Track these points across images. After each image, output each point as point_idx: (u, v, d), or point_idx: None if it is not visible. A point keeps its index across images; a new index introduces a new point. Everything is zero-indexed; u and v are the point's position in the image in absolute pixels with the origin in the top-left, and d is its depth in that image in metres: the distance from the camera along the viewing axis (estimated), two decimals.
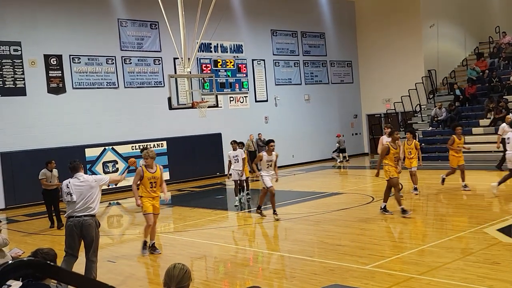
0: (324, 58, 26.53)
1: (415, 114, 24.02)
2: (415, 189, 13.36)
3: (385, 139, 12.35)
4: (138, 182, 8.82)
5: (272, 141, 11.52)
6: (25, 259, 1.80)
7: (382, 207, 11.00)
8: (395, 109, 24.73)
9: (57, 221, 12.36)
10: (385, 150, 10.86)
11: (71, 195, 6.97)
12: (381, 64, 26.69)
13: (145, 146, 18.16)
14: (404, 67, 25.47)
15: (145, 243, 9.05)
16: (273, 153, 11.38)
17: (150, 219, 8.80)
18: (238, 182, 13.96)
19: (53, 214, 12.44)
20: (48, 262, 1.83)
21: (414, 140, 13.52)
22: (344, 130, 26.59)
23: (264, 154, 11.37)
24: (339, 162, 24.12)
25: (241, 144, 14.72)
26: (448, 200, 12.80)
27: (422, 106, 24.06)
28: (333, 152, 24.86)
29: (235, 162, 13.87)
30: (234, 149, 13.92)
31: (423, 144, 21.25)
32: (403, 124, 23.92)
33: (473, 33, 26.84)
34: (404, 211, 10.49)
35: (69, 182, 7.06)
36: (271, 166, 11.41)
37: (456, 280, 6.42)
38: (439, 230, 9.78)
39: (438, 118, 21.74)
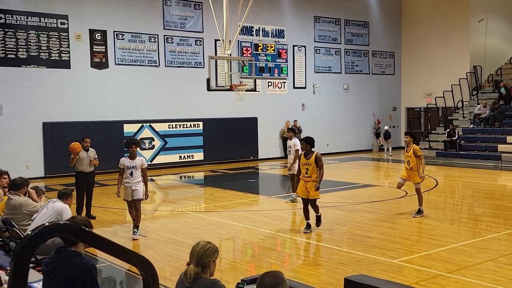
0: (366, 48, 26.10)
1: (456, 111, 23.45)
2: (419, 211, 10.28)
3: None
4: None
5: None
6: (61, 222, 1.87)
7: None
8: (436, 104, 24.17)
9: (86, 212, 10.44)
10: None
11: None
12: (425, 57, 26.09)
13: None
14: (448, 61, 24.83)
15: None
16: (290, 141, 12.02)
17: None
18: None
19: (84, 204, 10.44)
20: (83, 227, 1.90)
21: (414, 146, 10.38)
22: (382, 122, 26.22)
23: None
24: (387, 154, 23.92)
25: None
26: (484, 200, 12.51)
27: (464, 103, 23.44)
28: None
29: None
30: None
31: (462, 141, 20.78)
32: (443, 120, 23.40)
33: None
34: None
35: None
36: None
37: (486, 281, 6.30)
38: (473, 229, 9.59)
39: (481, 116, 21.18)
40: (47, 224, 1.74)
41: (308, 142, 9.15)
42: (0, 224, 6.92)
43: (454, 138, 20.63)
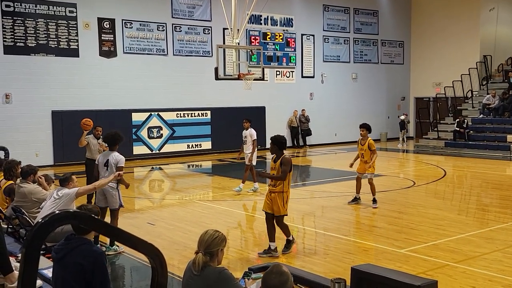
0: (375, 37, 25.92)
1: (466, 100, 23.29)
2: (374, 200, 10.34)
3: None
4: None
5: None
6: (71, 210, 1.90)
7: None
8: (445, 94, 24.01)
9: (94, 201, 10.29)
10: None
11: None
12: (434, 46, 25.86)
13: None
14: (458, 50, 24.60)
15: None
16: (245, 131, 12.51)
17: None
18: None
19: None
20: (92, 215, 1.92)
21: (369, 139, 10.54)
22: (390, 112, 26.10)
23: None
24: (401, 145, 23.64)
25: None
26: (492, 190, 12.46)
27: (474, 93, 23.26)
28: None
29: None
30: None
31: (471, 132, 20.66)
32: (452, 110, 23.25)
33: None
34: None
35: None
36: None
37: (492, 271, 6.31)
38: (480, 220, 9.57)
39: (490, 106, 21.02)
40: (57, 212, 1.76)
41: (275, 143, 7.10)
42: (10, 211, 7.01)
43: (464, 128, 20.49)
